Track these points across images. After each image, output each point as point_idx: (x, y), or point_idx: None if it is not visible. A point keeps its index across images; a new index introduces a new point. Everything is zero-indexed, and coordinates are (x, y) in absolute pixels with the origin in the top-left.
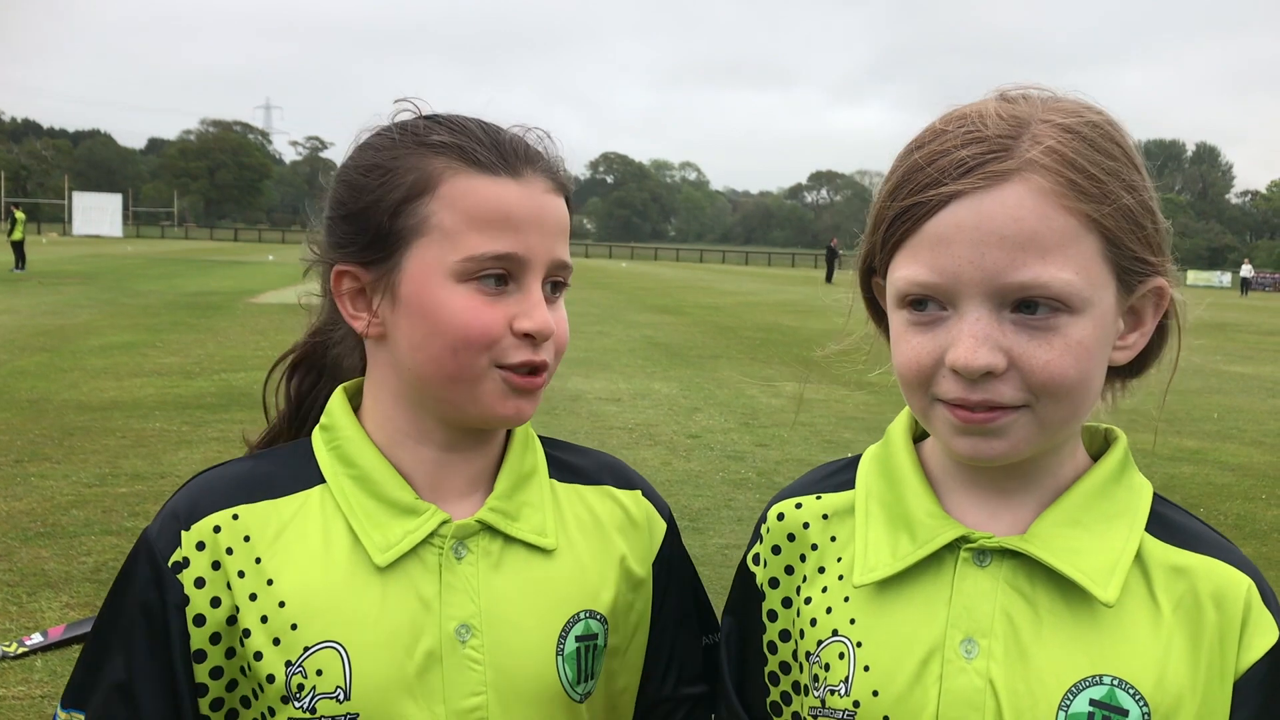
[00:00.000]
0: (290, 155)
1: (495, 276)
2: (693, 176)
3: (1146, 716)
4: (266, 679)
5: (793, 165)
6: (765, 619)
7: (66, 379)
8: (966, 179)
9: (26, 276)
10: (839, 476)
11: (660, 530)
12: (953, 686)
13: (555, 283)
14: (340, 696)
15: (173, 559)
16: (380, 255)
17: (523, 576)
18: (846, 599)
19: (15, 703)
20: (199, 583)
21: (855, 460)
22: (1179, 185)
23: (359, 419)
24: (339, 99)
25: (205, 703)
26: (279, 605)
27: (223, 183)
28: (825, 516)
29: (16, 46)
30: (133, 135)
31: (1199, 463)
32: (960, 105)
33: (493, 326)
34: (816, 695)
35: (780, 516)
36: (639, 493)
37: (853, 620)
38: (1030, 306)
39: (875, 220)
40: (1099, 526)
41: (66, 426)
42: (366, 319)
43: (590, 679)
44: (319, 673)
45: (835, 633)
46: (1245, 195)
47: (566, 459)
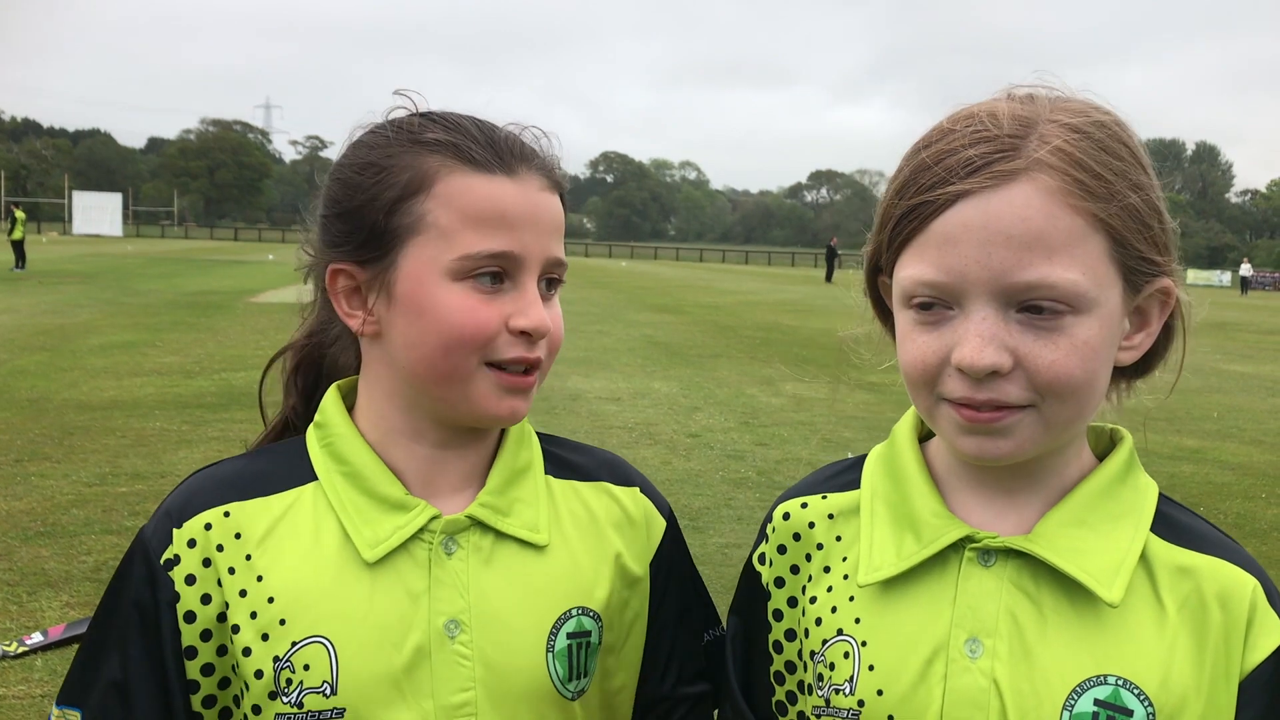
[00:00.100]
0: (290, 155)
1: (491, 274)
2: (692, 176)
3: (1151, 717)
4: (255, 674)
5: (792, 164)
6: (771, 618)
7: (66, 378)
8: (974, 178)
9: (26, 276)
10: (844, 476)
11: (659, 528)
12: (957, 686)
13: (550, 280)
14: (327, 691)
15: (164, 556)
16: (375, 254)
17: (514, 572)
18: (851, 598)
19: (16, 702)
20: (190, 580)
21: (860, 460)
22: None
23: (353, 416)
24: (339, 98)
25: (197, 699)
26: (268, 601)
27: (223, 182)
28: (831, 516)
29: (16, 46)
30: (133, 135)
31: (1199, 462)
32: (967, 104)
33: (487, 325)
34: (821, 695)
35: (786, 516)
36: (637, 490)
37: (858, 620)
38: (1037, 306)
39: (882, 219)
40: (1104, 527)
41: (67, 426)
42: (362, 317)
43: (583, 677)
44: (306, 667)
45: (840, 632)
46: (1245, 194)
47: (564, 455)
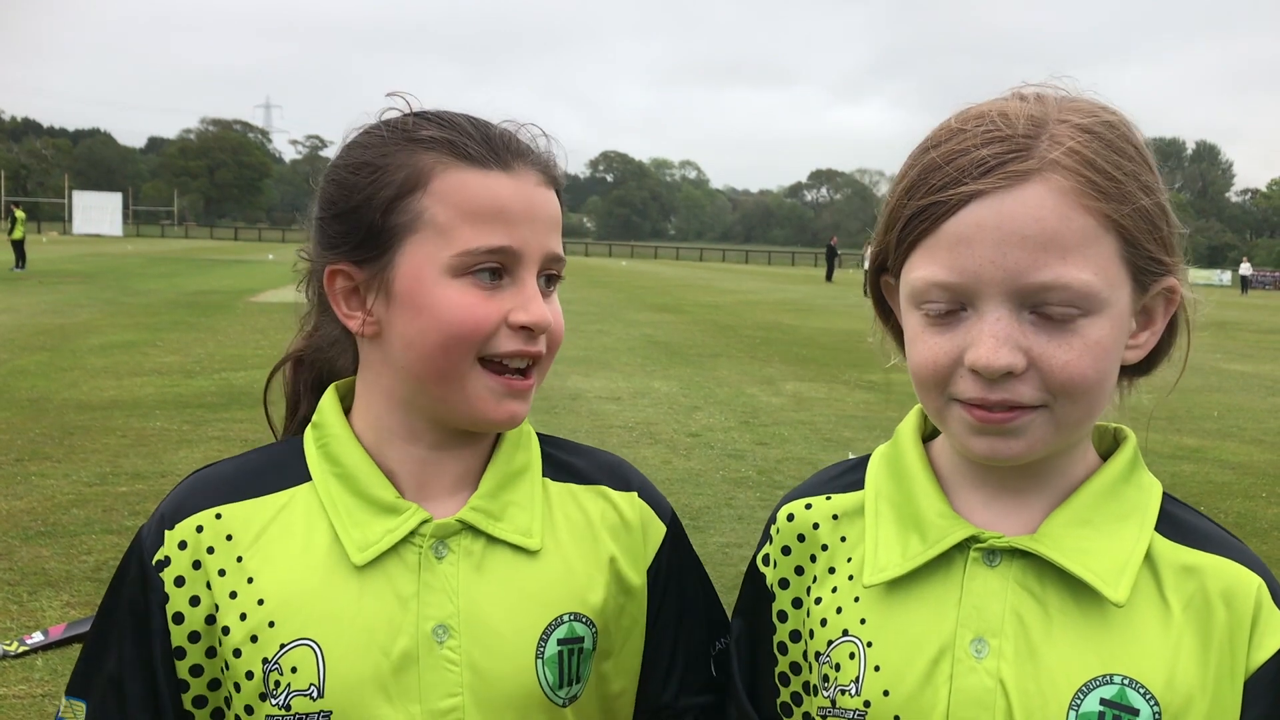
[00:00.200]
0: (290, 154)
1: (490, 270)
2: (692, 175)
3: (1157, 716)
4: (245, 675)
5: (792, 164)
6: (775, 620)
7: (67, 378)
8: (987, 178)
9: (27, 275)
10: (848, 477)
11: (657, 534)
12: (963, 686)
13: (549, 276)
14: (314, 694)
15: (156, 558)
16: (373, 253)
17: (505, 577)
18: (856, 599)
19: (16, 701)
20: (179, 581)
21: (864, 460)
22: (1179, 183)
23: (350, 417)
24: (339, 98)
25: (188, 699)
26: (258, 603)
27: (223, 182)
28: (835, 517)
29: (16, 46)
30: (133, 134)
31: (1199, 461)
32: (972, 104)
33: (486, 320)
34: (827, 695)
35: (790, 517)
36: (635, 494)
37: (863, 620)
38: (1051, 307)
39: (889, 219)
40: (1109, 526)
41: (67, 425)
42: (361, 318)
43: (575, 683)
44: (294, 670)
45: (845, 633)
46: (1245, 193)
47: (563, 458)
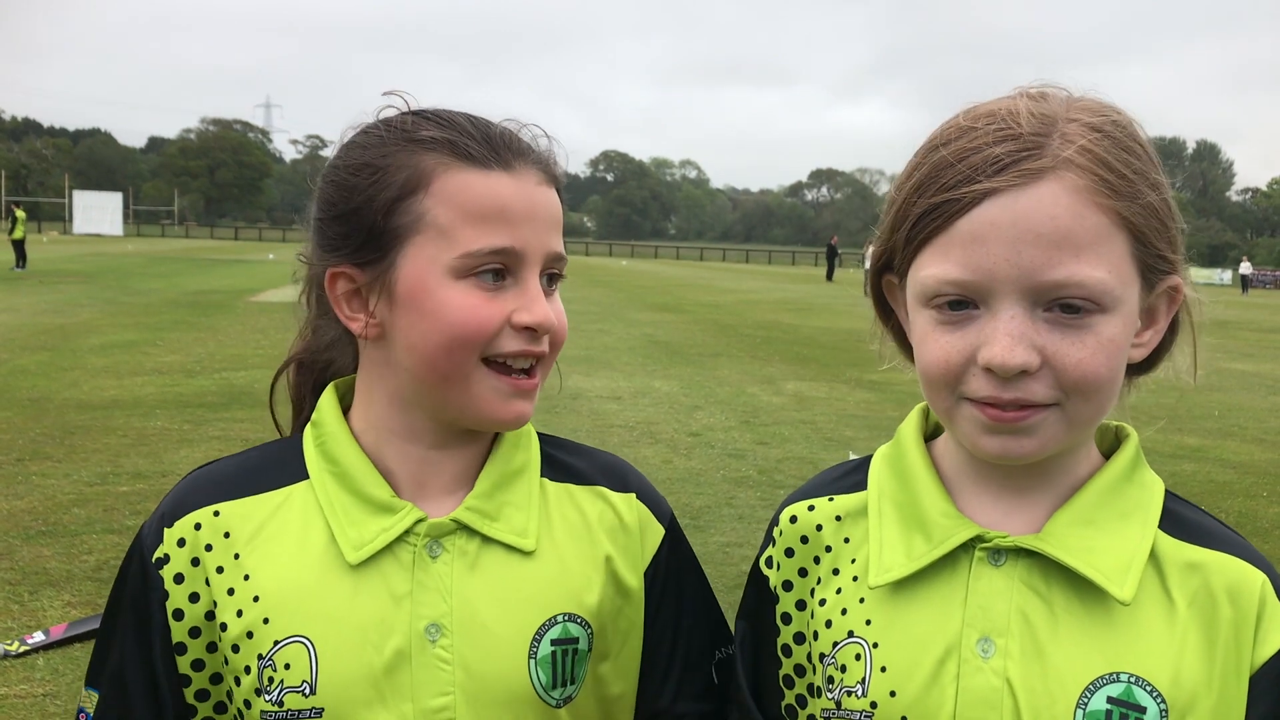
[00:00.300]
0: (290, 154)
1: (493, 271)
2: (693, 174)
3: (1164, 713)
4: (243, 670)
5: (793, 163)
6: (779, 622)
7: (67, 378)
8: (1001, 176)
9: (27, 275)
10: (851, 478)
11: (655, 536)
12: (970, 686)
13: (551, 275)
14: (306, 691)
15: (155, 555)
16: (375, 255)
17: (499, 577)
18: (862, 600)
19: (18, 701)
20: (178, 578)
21: (866, 461)
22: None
23: (349, 416)
24: (339, 97)
25: (190, 692)
26: (253, 600)
27: (223, 181)
28: (838, 518)
29: (16, 46)
30: (133, 134)
31: (1200, 460)
32: (979, 103)
33: (490, 322)
34: (832, 697)
35: (793, 519)
36: (633, 496)
37: (868, 621)
38: (1064, 305)
39: (896, 218)
40: (1113, 525)
41: (68, 425)
42: (364, 320)
43: (569, 684)
44: (287, 666)
45: (851, 634)
46: (1245, 193)
47: (563, 458)
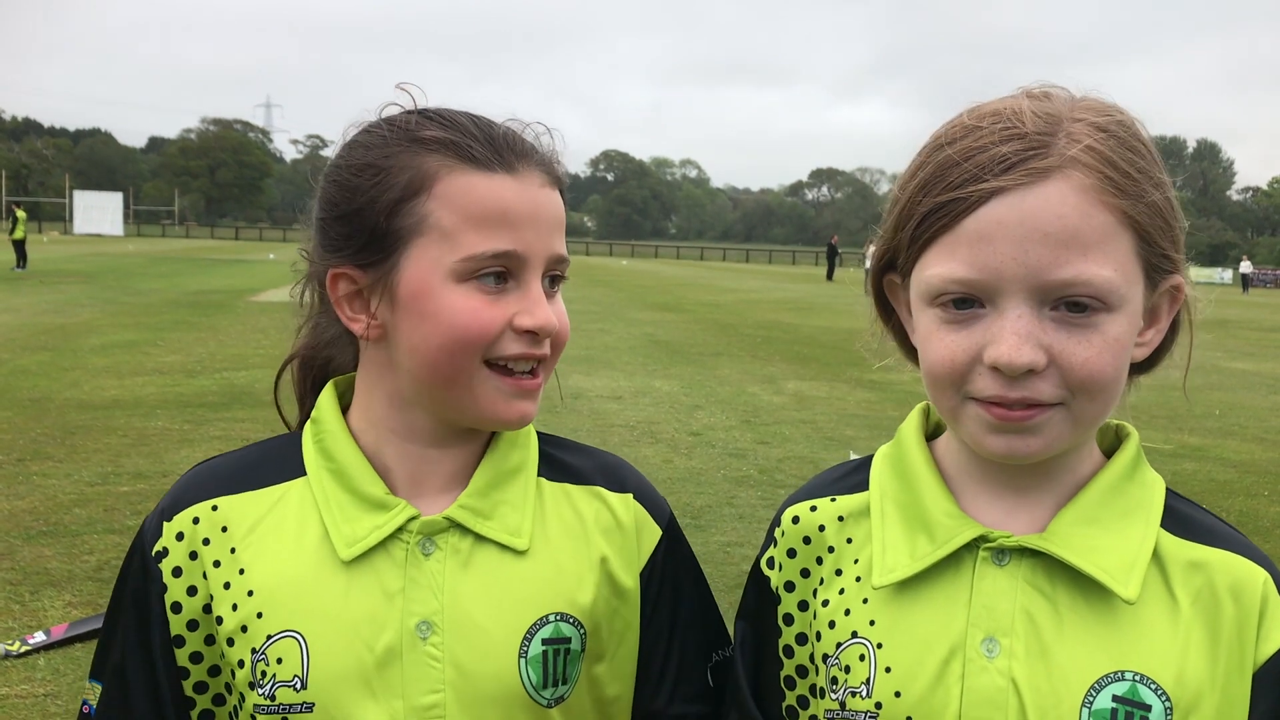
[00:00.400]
0: (291, 154)
1: (495, 274)
2: (693, 174)
3: (1169, 711)
4: (238, 664)
5: (793, 162)
6: (781, 623)
7: (68, 378)
8: (1008, 175)
9: (28, 275)
10: (852, 478)
11: (652, 537)
12: (975, 686)
13: (553, 277)
14: (297, 685)
15: (155, 549)
16: (377, 257)
17: (491, 576)
18: (865, 600)
19: (19, 701)
20: (176, 572)
21: (867, 461)
22: (1180, 182)
23: (348, 414)
24: (339, 97)
25: (188, 685)
26: (248, 594)
27: (223, 181)
28: (841, 518)
29: (16, 45)
30: (133, 134)
31: (1201, 459)
32: (982, 103)
33: (491, 325)
34: (835, 698)
35: (795, 520)
36: (630, 496)
37: (872, 622)
38: (1071, 304)
39: (901, 217)
40: (1116, 524)
41: (68, 425)
42: (365, 321)
43: (560, 684)
44: (279, 661)
45: (855, 634)
46: (1246, 192)
47: (562, 458)
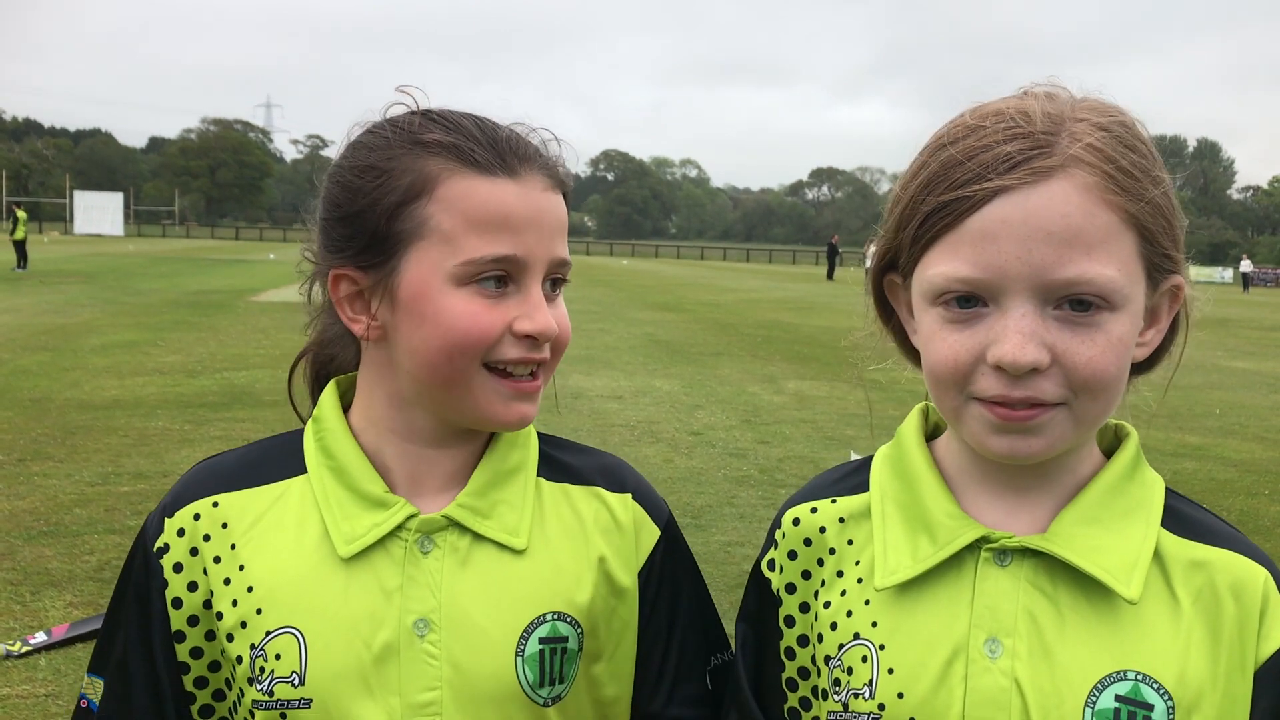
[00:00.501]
0: (291, 154)
1: (495, 278)
2: (693, 174)
3: (1171, 710)
4: (236, 660)
5: (793, 162)
6: (782, 625)
7: (68, 378)
8: (1013, 174)
9: (28, 275)
10: (852, 479)
11: (650, 537)
12: (978, 686)
13: (555, 280)
14: (295, 681)
15: (157, 545)
16: (378, 259)
17: (489, 575)
18: (867, 602)
19: (20, 701)
20: (177, 568)
21: (867, 462)
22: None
23: (349, 412)
24: (339, 97)
25: (189, 680)
26: (248, 590)
27: (224, 181)
28: (841, 520)
29: (16, 45)
30: (134, 134)
31: (1201, 458)
32: (983, 103)
33: (490, 329)
34: (838, 699)
35: (795, 521)
36: (629, 496)
37: (874, 623)
38: (1074, 303)
39: (903, 216)
40: (1117, 523)
41: (69, 425)
42: (366, 322)
43: (557, 683)
44: (277, 657)
45: (857, 636)
46: (1247, 191)
47: (561, 458)
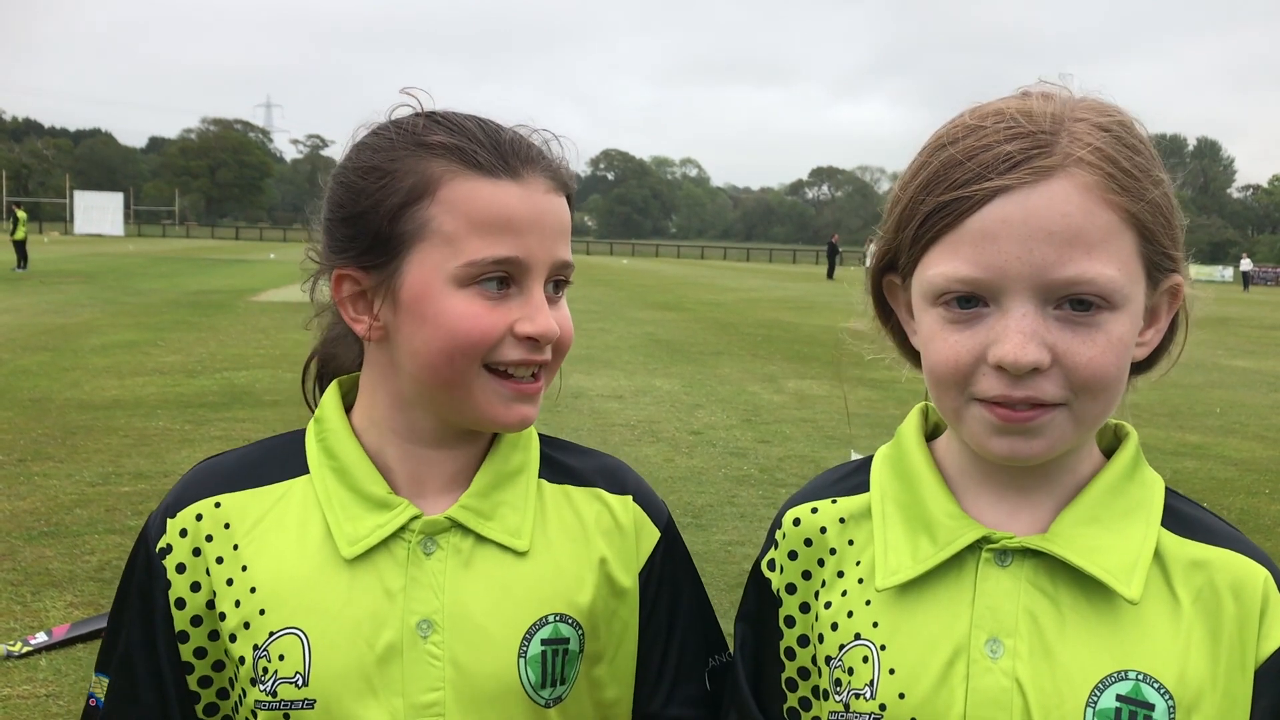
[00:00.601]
0: (291, 154)
1: (497, 280)
2: (693, 173)
3: (1171, 709)
4: (240, 660)
5: (793, 161)
6: (782, 625)
7: (69, 378)
8: (1013, 174)
9: (28, 275)
10: (852, 479)
11: (651, 539)
12: (979, 686)
13: (557, 281)
14: (299, 682)
15: (159, 545)
16: (380, 260)
17: (491, 576)
18: (868, 602)
19: (20, 701)
20: (180, 568)
21: (867, 462)
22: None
23: (351, 413)
24: (340, 97)
25: (193, 679)
26: (250, 590)
27: (224, 181)
28: (842, 520)
29: (17, 46)
30: (134, 134)
31: (1202, 458)
32: (983, 103)
33: (492, 331)
34: (839, 700)
35: (796, 522)
36: (630, 498)
37: (875, 624)
38: (1075, 303)
39: (903, 216)
40: (1117, 523)
41: (69, 425)
42: (368, 322)
43: (559, 684)
44: (281, 657)
45: (858, 636)
46: (1247, 190)
47: (562, 459)
